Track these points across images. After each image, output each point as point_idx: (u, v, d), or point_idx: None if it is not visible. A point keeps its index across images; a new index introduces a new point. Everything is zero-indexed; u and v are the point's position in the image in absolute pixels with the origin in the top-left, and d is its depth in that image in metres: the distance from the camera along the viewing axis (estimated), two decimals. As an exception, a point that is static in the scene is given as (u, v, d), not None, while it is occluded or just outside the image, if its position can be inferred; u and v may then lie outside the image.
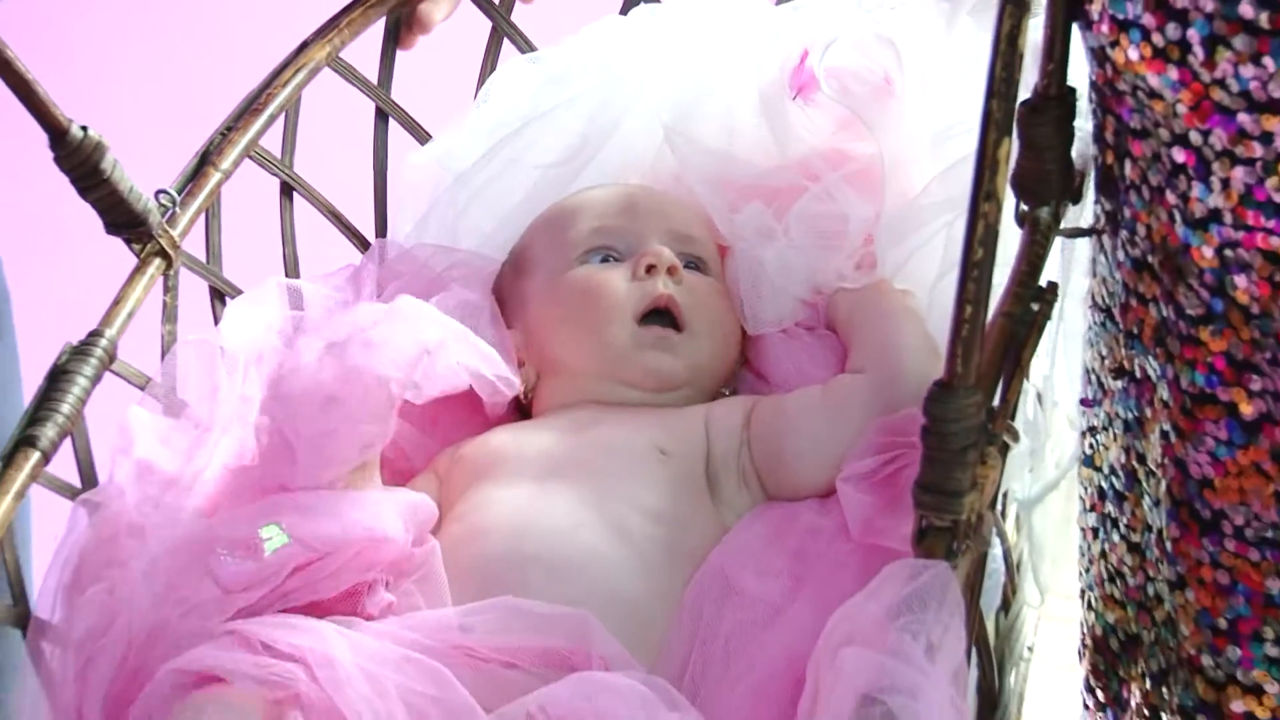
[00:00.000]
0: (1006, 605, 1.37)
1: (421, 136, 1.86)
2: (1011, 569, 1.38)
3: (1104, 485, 1.50)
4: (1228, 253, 1.32)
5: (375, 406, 1.48)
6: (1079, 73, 1.37)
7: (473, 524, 1.51)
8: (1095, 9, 1.34)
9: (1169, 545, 1.43)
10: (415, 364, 1.50)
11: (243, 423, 1.58)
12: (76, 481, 1.59)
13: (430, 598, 1.44)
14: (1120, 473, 1.48)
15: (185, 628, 1.42)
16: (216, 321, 1.70)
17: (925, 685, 1.17)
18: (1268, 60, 1.21)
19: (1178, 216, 1.35)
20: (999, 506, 1.35)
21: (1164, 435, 1.41)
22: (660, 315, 1.65)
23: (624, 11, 1.84)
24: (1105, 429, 1.48)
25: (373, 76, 1.83)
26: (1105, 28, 1.33)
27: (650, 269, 1.66)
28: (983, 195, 1.17)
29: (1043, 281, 1.33)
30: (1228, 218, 1.31)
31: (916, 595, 1.21)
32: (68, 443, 1.53)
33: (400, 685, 1.33)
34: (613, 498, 1.52)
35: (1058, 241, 1.41)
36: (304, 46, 1.74)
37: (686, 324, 1.65)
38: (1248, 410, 1.35)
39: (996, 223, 1.18)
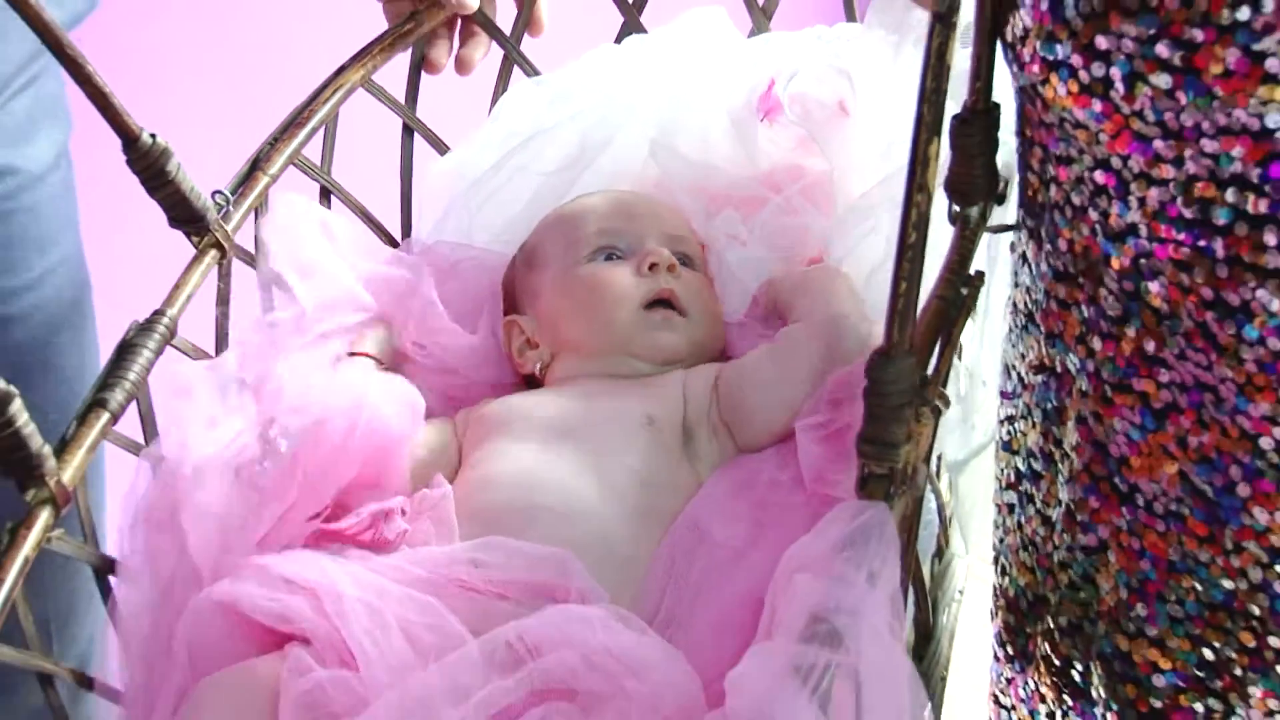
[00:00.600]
0: (940, 553, 1.40)
1: (441, 148, 1.88)
2: (945, 521, 1.41)
3: (1021, 467, 1.52)
4: (1142, 262, 1.34)
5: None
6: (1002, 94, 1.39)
7: (485, 472, 1.53)
8: (1027, 52, 1.36)
9: (1088, 516, 1.45)
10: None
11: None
12: (141, 439, 1.60)
13: (442, 536, 1.46)
14: (1038, 455, 1.50)
15: (225, 563, 1.45)
16: (263, 306, 1.72)
17: (865, 607, 1.19)
18: (1180, 94, 1.23)
19: (1099, 231, 1.37)
20: (933, 466, 1.37)
21: (1082, 420, 1.43)
22: (663, 304, 1.68)
23: (618, 40, 1.86)
24: (1024, 417, 1.50)
25: (400, 95, 1.84)
26: (1036, 68, 1.35)
27: (653, 267, 1.69)
28: (915, 187, 1.20)
29: (971, 271, 1.36)
30: (1143, 231, 1.33)
31: (859, 531, 1.23)
32: (134, 406, 1.54)
33: (399, 616, 1.35)
34: (607, 460, 1.55)
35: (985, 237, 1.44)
36: (341, 70, 1.75)
37: (686, 311, 1.68)
38: (1158, 399, 1.37)
39: (927, 211, 1.21)
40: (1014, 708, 1.58)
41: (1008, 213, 1.43)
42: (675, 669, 1.31)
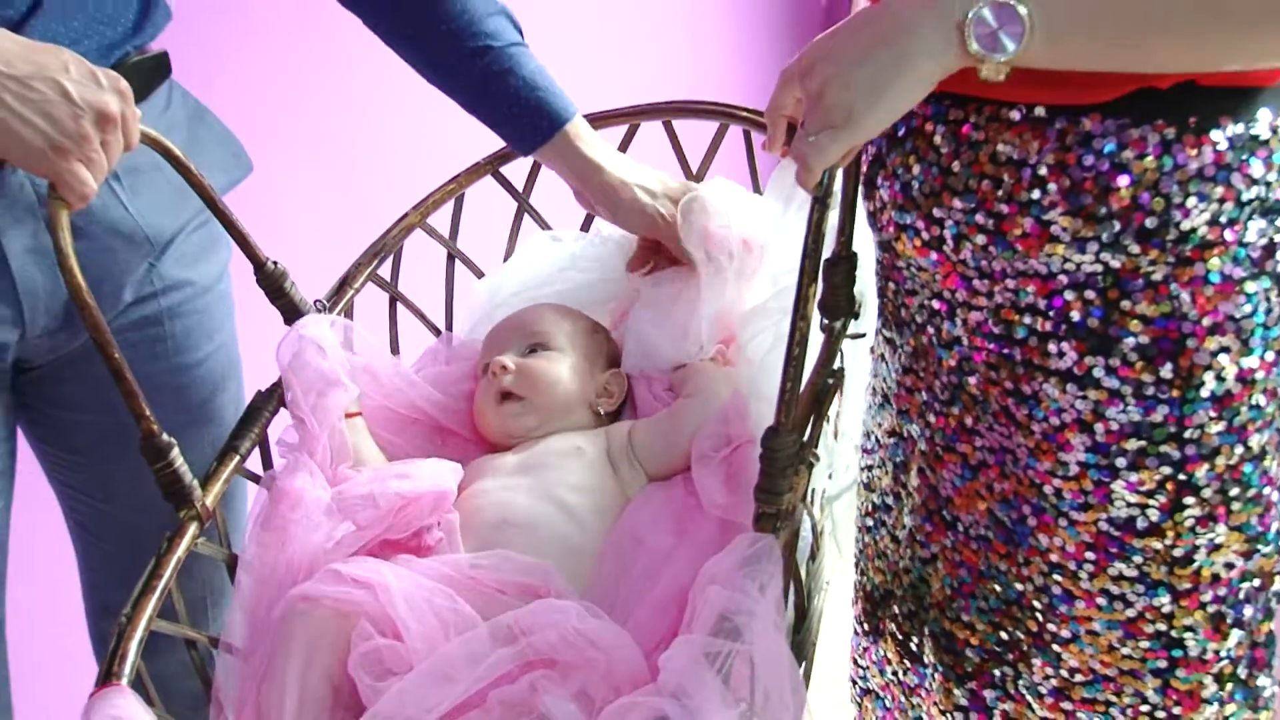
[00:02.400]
0: (814, 556, 1.39)
1: (478, 273, 1.85)
2: (816, 535, 1.40)
3: (877, 501, 1.51)
4: (964, 363, 1.35)
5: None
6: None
7: (473, 504, 1.52)
8: (884, 218, 1.37)
9: (924, 537, 1.45)
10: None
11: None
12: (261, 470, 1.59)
13: (452, 546, 1.47)
14: (889, 493, 1.50)
15: (320, 562, 1.44)
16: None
17: (758, 609, 1.20)
18: (992, 249, 1.25)
19: (934, 341, 1.38)
20: (809, 499, 1.36)
21: (921, 471, 1.44)
22: (508, 396, 1.64)
23: None
24: (880, 467, 1.50)
25: (445, 233, 1.81)
26: (891, 229, 1.36)
27: (493, 375, 1.64)
28: (799, 316, 1.23)
29: (835, 366, 1.36)
30: (965, 342, 1.34)
31: (754, 555, 1.25)
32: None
33: (429, 602, 1.35)
34: (552, 482, 1.53)
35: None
36: (404, 216, 1.74)
37: (524, 395, 1.63)
38: (973, 458, 1.37)
39: (807, 333, 1.24)
40: (868, 667, 1.58)
41: (861, 325, 1.42)
42: (624, 645, 1.31)
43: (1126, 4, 1.10)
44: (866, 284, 1.43)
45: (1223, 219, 1.22)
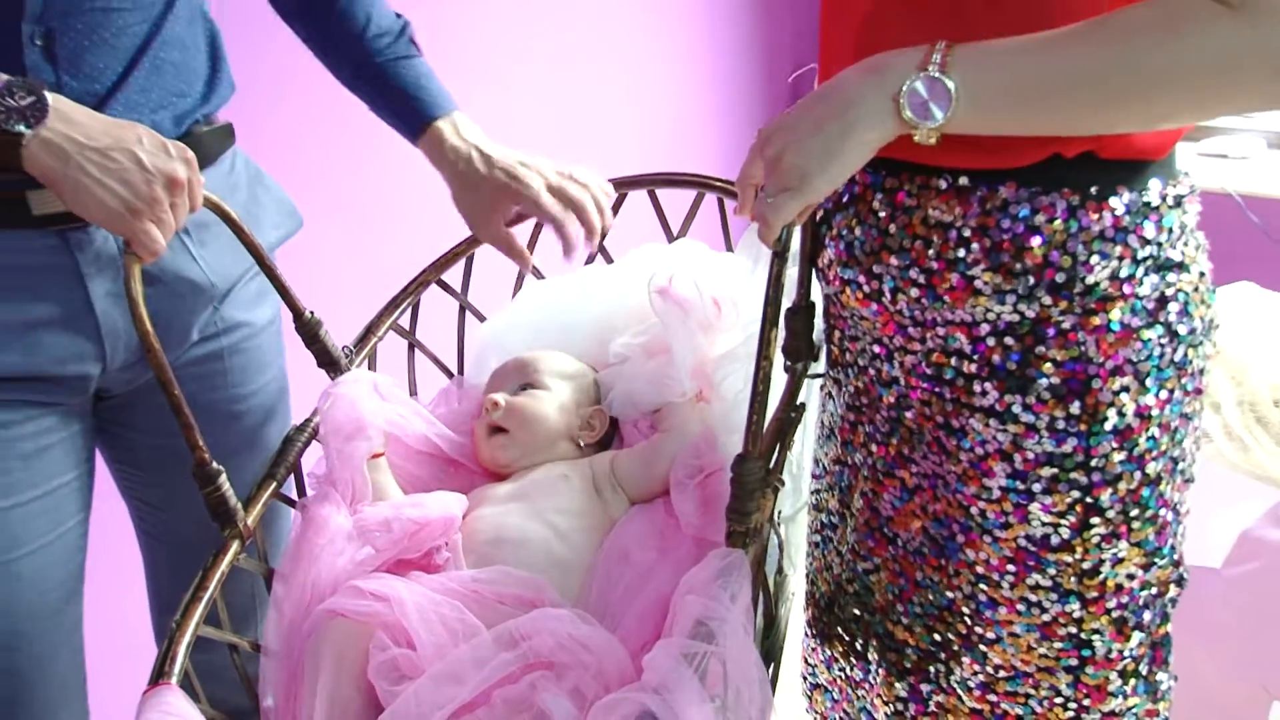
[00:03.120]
0: (780, 570, 1.39)
1: (481, 319, 1.85)
2: (782, 552, 1.40)
3: (824, 520, 1.51)
4: (901, 400, 1.35)
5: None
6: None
7: (473, 527, 1.51)
8: (831, 274, 1.37)
9: (867, 551, 1.44)
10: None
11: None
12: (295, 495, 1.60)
13: (457, 564, 1.46)
14: (836, 514, 1.49)
15: (343, 578, 1.44)
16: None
17: (730, 616, 1.21)
18: (924, 301, 1.25)
19: (875, 381, 1.38)
20: (775, 519, 1.37)
21: (864, 494, 1.43)
22: (497, 429, 1.64)
23: (589, 260, 1.83)
24: (828, 490, 1.49)
25: (457, 286, 1.81)
26: (837, 283, 1.36)
27: (487, 411, 1.65)
28: (763, 357, 1.25)
29: (798, 402, 1.37)
30: (902, 382, 1.34)
31: (726, 568, 1.25)
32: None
33: (438, 612, 1.35)
34: (543, 505, 1.53)
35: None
36: (423, 272, 1.75)
37: (510, 430, 1.63)
38: (910, 482, 1.37)
39: (769, 372, 1.26)
40: (816, 665, 1.56)
41: (819, 367, 1.42)
42: (613, 648, 1.32)
43: (1046, 70, 1.11)
44: (824, 332, 1.44)
45: (1121, 275, 1.23)
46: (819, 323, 1.44)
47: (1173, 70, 1.07)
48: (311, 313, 1.59)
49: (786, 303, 1.34)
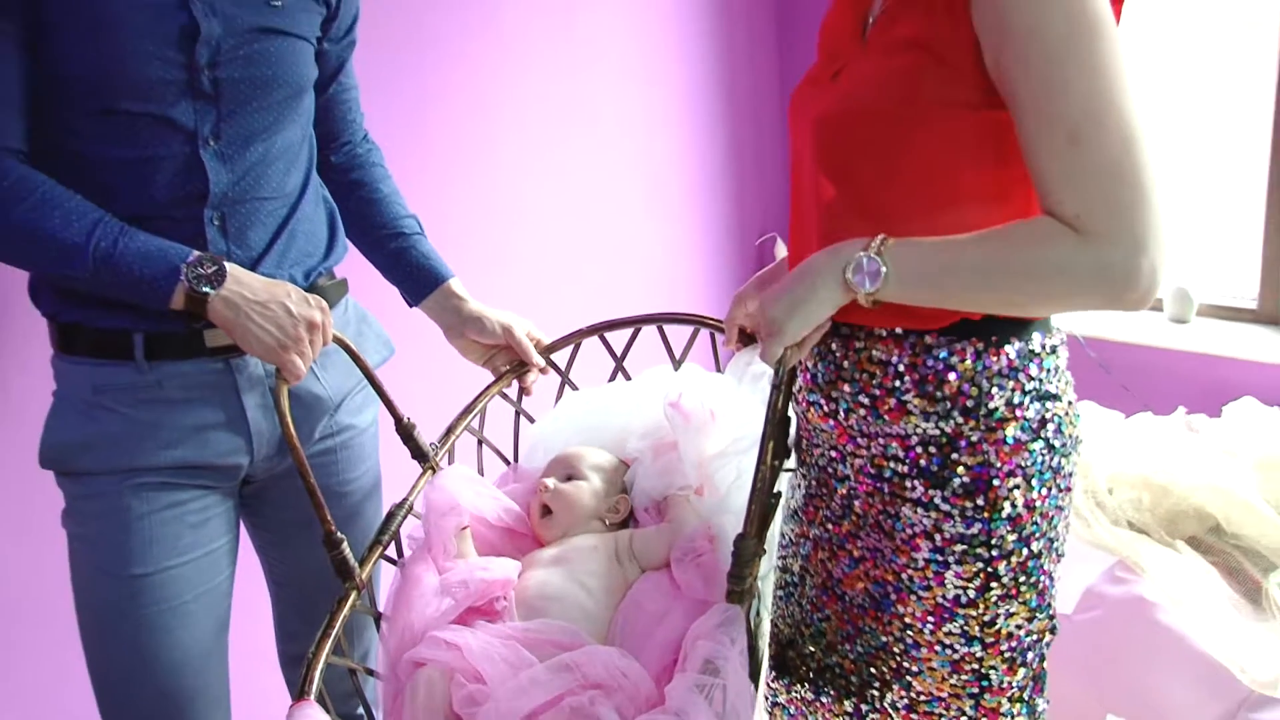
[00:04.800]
0: (759, 614, 1.37)
1: (531, 420, 1.81)
2: (760, 602, 1.38)
3: (788, 579, 1.48)
4: (851, 492, 1.34)
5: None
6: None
7: (525, 585, 1.48)
8: (801, 398, 1.37)
9: (820, 604, 1.42)
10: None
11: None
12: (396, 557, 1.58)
13: (512, 613, 1.44)
14: (797, 575, 1.47)
15: (431, 625, 1.42)
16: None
17: (731, 655, 1.21)
18: (869, 417, 1.26)
19: (830, 476, 1.37)
20: (759, 580, 1.35)
21: (820, 561, 1.41)
22: (546, 509, 1.60)
23: (611, 379, 1.80)
24: (792, 557, 1.47)
25: (514, 396, 1.79)
26: (804, 404, 1.37)
27: (540, 492, 1.61)
28: (762, 462, 1.24)
29: (776, 490, 1.35)
30: (852, 479, 1.33)
31: (727, 619, 1.24)
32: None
33: (499, 653, 1.33)
34: (577, 570, 1.49)
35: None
36: (487, 388, 1.72)
37: (553, 511, 1.59)
38: (856, 553, 1.36)
39: (768, 475, 1.26)
40: (777, 689, 1.53)
41: (790, 463, 1.42)
42: (644, 678, 1.30)
43: (950, 264, 1.13)
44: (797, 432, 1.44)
45: (1014, 402, 1.23)
46: (793, 431, 1.43)
47: (1031, 272, 1.10)
48: (408, 418, 1.57)
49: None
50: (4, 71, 1.28)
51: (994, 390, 1.23)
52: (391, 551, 1.54)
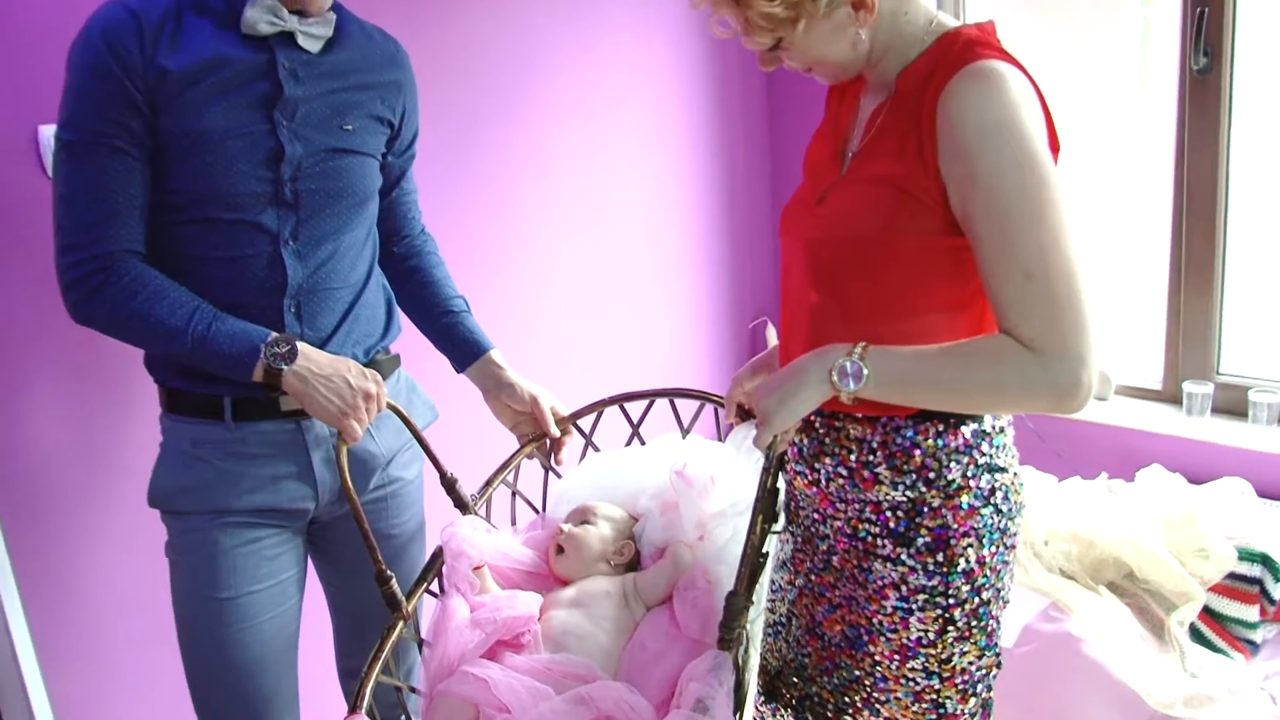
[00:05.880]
0: (747, 651, 1.32)
1: (559, 476, 1.73)
2: (749, 641, 1.33)
3: (777, 620, 1.45)
4: (831, 548, 1.31)
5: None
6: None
7: (549, 622, 1.42)
8: (790, 467, 1.35)
9: (804, 643, 1.39)
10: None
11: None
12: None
13: (537, 646, 1.38)
14: (784, 616, 1.43)
15: (466, 657, 1.36)
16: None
17: (719, 695, 1.16)
18: (846, 485, 1.25)
19: (813, 534, 1.34)
20: (748, 627, 1.30)
21: (804, 606, 1.38)
22: (560, 549, 1.53)
23: (628, 443, 1.72)
24: (780, 601, 1.44)
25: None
26: (791, 473, 1.35)
27: (556, 535, 1.55)
28: (752, 530, 1.18)
29: (765, 550, 1.31)
30: (831, 538, 1.31)
31: (717, 664, 1.19)
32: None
33: (521, 685, 1.28)
34: (593, 612, 1.43)
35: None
36: (520, 448, 1.67)
37: (565, 551, 1.52)
38: (835, 600, 1.32)
39: (757, 542, 1.20)
40: (765, 712, 1.48)
41: (777, 526, 1.38)
42: (649, 710, 1.25)
43: (921, 371, 1.12)
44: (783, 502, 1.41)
45: (969, 474, 1.22)
46: (782, 497, 1.40)
47: (991, 383, 1.09)
48: (451, 472, 1.54)
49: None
50: (130, 187, 1.32)
51: (952, 464, 1.21)
52: (434, 586, 1.50)
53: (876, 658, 1.28)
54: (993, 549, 1.24)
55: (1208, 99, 2.26)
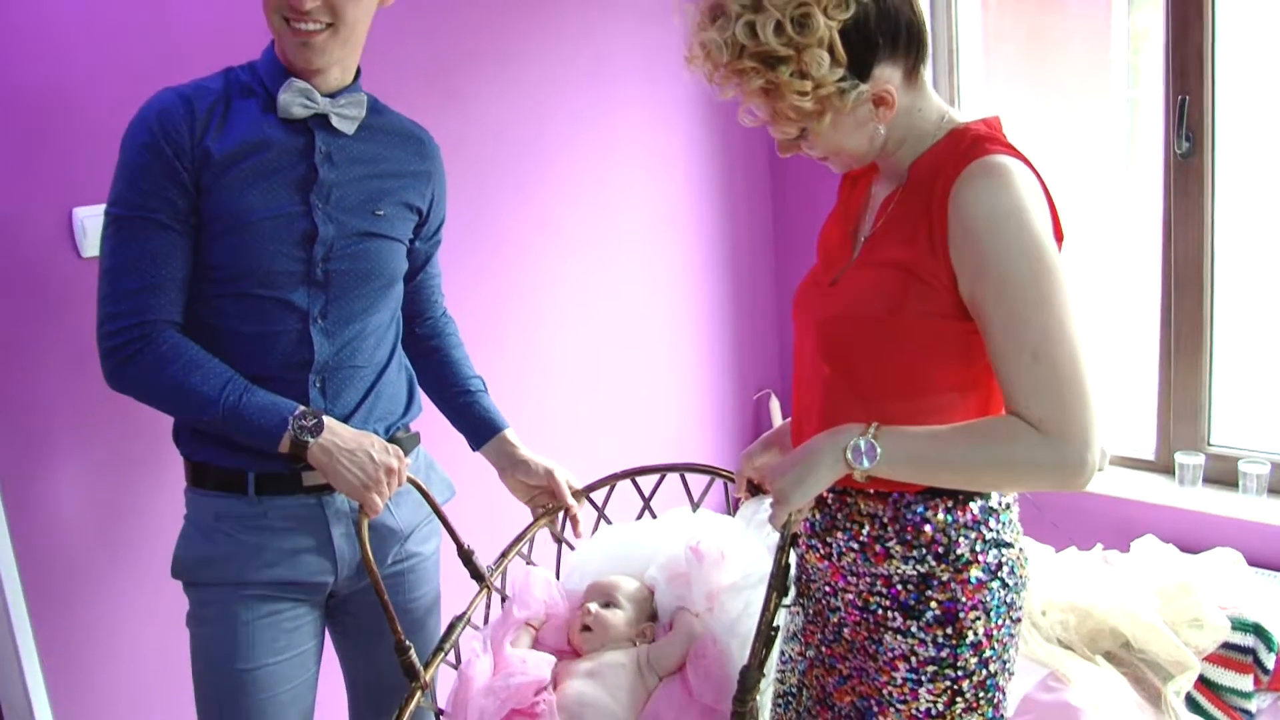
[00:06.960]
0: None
1: (573, 548, 1.72)
2: (756, 714, 1.32)
3: (787, 690, 1.43)
4: (843, 619, 1.31)
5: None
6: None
7: (565, 693, 1.42)
8: (800, 542, 1.36)
9: (815, 713, 1.38)
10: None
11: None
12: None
13: (553, 716, 1.38)
14: (795, 687, 1.42)
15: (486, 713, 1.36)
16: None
17: None
18: (858, 560, 1.26)
19: (825, 606, 1.34)
20: (760, 698, 1.29)
21: (816, 678, 1.37)
22: (586, 628, 1.52)
23: (638, 517, 1.74)
24: (790, 672, 1.43)
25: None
26: (804, 548, 1.35)
27: (582, 614, 1.55)
28: (766, 609, 1.18)
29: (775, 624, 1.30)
30: (842, 610, 1.31)
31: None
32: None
33: None
34: (609, 683, 1.44)
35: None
36: (534, 521, 1.68)
37: (592, 630, 1.51)
38: (845, 672, 1.32)
39: (771, 618, 1.20)
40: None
41: (788, 599, 1.37)
42: None
43: (932, 450, 1.13)
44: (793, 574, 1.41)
45: (976, 549, 1.23)
46: (793, 571, 1.40)
47: (1000, 463, 1.11)
48: (468, 545, 1.55)
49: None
50: (173, 260, 1.36)
51: (961, 539, 1.22)
52: (451, 657, 1.50)
53: (885, 729, 1.28)
54: (1000, 622, 1.25)
55: (1191, 181, 2.31)
